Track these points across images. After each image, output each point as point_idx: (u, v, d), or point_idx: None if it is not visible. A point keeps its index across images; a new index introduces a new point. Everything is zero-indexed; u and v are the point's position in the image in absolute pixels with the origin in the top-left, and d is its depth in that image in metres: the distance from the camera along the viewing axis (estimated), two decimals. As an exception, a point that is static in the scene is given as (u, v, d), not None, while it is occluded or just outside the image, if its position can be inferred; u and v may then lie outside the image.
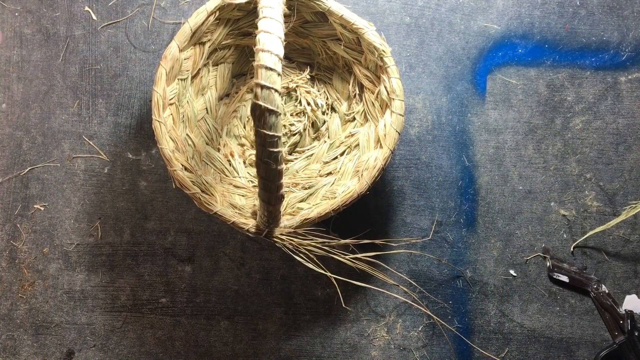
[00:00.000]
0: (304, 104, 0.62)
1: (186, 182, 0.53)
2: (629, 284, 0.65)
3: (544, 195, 0.65)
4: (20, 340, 0.62)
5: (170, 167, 0.53)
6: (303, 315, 0.64)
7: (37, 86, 0.63)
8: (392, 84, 0.56)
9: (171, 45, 0.54)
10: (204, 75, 0.61)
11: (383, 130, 0.57)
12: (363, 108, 0.61)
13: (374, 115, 0.60)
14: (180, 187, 0.53)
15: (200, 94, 0.61)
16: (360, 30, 0.56)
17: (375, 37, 0.56)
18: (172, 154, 0.53)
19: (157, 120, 0.53)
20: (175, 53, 0.55)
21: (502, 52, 0.66)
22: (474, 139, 0.65)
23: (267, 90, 0.42)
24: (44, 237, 0.62)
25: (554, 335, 0.65)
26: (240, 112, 0.63)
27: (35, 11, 0.63)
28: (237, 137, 0.63)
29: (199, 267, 0.63)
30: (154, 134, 0.53)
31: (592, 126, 0.66)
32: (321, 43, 0.61)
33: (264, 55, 0.42)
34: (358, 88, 0.62)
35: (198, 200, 0.53)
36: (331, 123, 0.63)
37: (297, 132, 0.63)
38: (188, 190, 0.53)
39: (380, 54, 0.56)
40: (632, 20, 0.67)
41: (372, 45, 0.56)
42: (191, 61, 0.58)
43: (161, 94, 0.54)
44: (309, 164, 0.63)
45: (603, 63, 0.66)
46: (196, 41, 0.57)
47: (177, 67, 0.56)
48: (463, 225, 0.65)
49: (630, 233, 0.65)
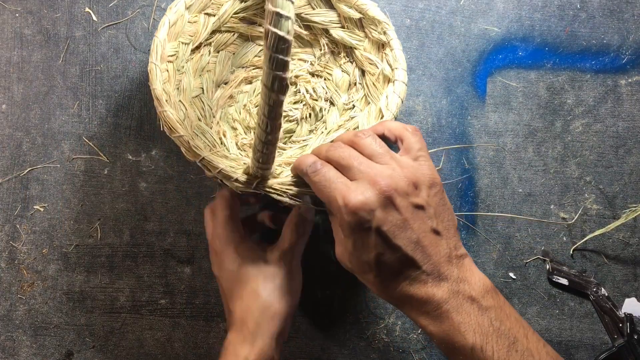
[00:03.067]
0: (303, 92, 0.62)
1: (174, 123, 0.50)
2: (629, 287, 0.65)
3: (543, 198, 0.65)
4: (19, 341, 0.62)
5: (160, 107, 0.50)
6: (302, 317, 0.64)
7: (37, 87, 0.63)
8: (395, 54, 0.56)
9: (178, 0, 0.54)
10: (205, 54, 0.60)
11: (385, 102, 0.57)
12: (364, 93, 0.61)
13: (375, 96, 0.59)
14: (168, 130, 0.50)
15: (198, 74, 0.60)
16: (364, 6, 0.57)
17: (378, 12, 0.57)
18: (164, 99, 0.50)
19: (153, 62, 0.51)
20: (181, 8, 0.54)
21: (503, 55, 0.66)
22: (474, 142, 0.65)
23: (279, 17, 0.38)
24: (44, 238, 0.62)
25: (553, 338, 0.65)
26: (237, 98, 0.62)
27: (35, 12, 0.63)
28: (231, 120, 0.62)
29: (198, 269, 0.63)
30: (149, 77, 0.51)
31: (592, 129, 0.66)
32: (323, 33, 0.62)
33: None
34: (359, 76, 0.62)
35: (186, 144, 0.49)
36: (329, 115, 0.63)
37: (294, 119, 0.62)
38: (176, 134, 0.49)
39: (383, 27, 0.57)
40: (632, 23, 0.67)
41: (376, 20, 0.57)
42: (194, 28, 0.58)
43: (161, 42, 0.52)
44: (303, 152, 0.62)
45: (603, 66, 0.66)
46: (202, 8, 0.57)
47: (181, 26, 0.55)
48: (462, 228, 0.65)
49: (630, 236, 0.65)
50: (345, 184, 0.43)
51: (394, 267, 0.42)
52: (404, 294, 0.42)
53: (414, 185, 0.43)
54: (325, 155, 0.46)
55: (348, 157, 0.44)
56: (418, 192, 0.43)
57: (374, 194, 0.41)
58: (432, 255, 0.42)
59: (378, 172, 0.43)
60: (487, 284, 0.43)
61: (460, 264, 0.43)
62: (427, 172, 0.45)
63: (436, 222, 0.43)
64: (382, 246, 0.42)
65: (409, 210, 0.42)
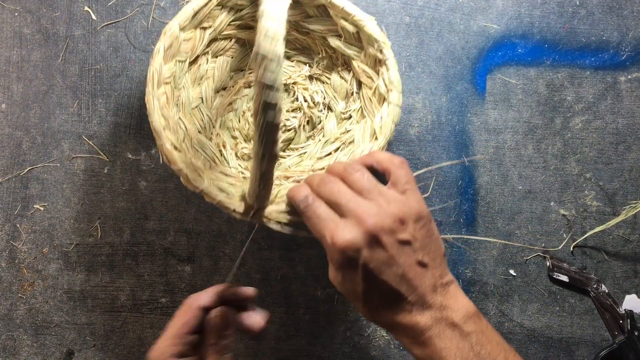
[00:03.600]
0: (301, 100, 0.62)
1: (174, 156, 0.51)
2: (629, 284, 0.65)
3: (543, 195, 0.65)
4: (20, 340, 0.62)
5: (160, 140, 0.51)
6: (303, 315, 0.64)
7: (37, 86, 0.63)
8: (390, 75, 0.56)
9: (171, 23, 0.53)
10: (202, 63, 0.60)
11: (379, 122, 0.57)
12: (360, 105, 0.61)
13: (371, 110, 0.59)
14: (168, 163, 0.51)
15: (197, 83, 0.61)
16: (361, 22, 0.56)
17: (375, 29, 0.56)
18: (162, 128, 0.51)
19: (150, 93, 0.52)
20: (176, 31, 0.54)
21: (502, 52, 0.66)
22: (474, 139, 0.65)
23: (270, 38, 0.39)
24: (44, 237, 0.62)
25: (553, 335, 0.65)
26: (236, 105, 0.63)
27: (35, 11, 0.63)
28: (230, 129, 0.62)
29: (198, 267, 0.63)
30: (146, 109, 0.52)
31: (592, 126, 0.66)
32: (322, 40, 0.61)
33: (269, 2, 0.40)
34: (356, 86, 0.62)
35: (185, 177, 0.51)
36: (327, 122, 0.63)
37: (292, 128, 0.62)
38: (175, 166, 0.51)
39: (380, 46, 0.56)
40: (631, 20, 0.67)
41: (372, 37, 0.56)
42: (190, 44, 0.57)
43: (157, 69, 0.52)
44: (301, 161, 0.62)
45: (603, 63, 0.66)
46: (197, 24, 0.56)
47: (176, 46, 0.55)
48: (463, 225, 0.65)
49: (630, 233, 0.65)
50: (334, 222, 0.45)
51: (381, 299, 0.44)
52: (391, 322, 0.45)
53: (400, 221, 0.44)
54: (316, 190, 0.48)
55: (337, 193, 0.46)
56: (404, 228, 0.44)
57: (360, 233, 0.43)
58: (418, 286, 0.44)
59: (365, 210, 0.44)
60: (471, 309, 0.45)
61: (445, 292, 0.45)
62: (414, 206, 0.46)
63: (422, 254, 0.45)
64: (369, 281, 0.44)
65: (394, 246, 0.44)
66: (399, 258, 0.44)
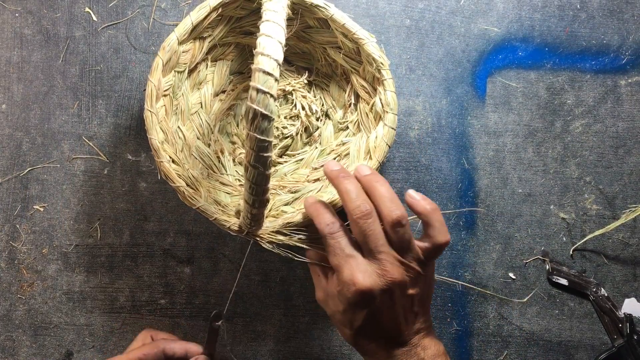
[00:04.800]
0: (299, 108, 0.62)
1: (172, 174, 0.53)
2: (628, 288, 0.65)
3: (543, 199, 0.65)
4: (19, 341, 0.62)
5: (158, 158, 0.53)
6: (302, 317, 0.64)
7: (37, 87, 0.63)
8: (387, 97, 0.56)
9: (170, 37, 0.54)
10: (202, 69, 0.60)
11: (374, 142, 0.57)
12: (357, 118, 0.61)
13: (367, 126, 0.60)
14: (166, 179, 0.53)
15: (196, 88, 0.61)
16: (361, 40, 0.55)
17: (375, 49, 0.55)
18: (161, 145, 0.53)
19: (148, 110, 0.53)
20: (174, 45, 0.54)
21: (503, 55, 0.66)
22: (474, 142, 0.65)
23: (262, 94, 0.42)
24: (43, 238, 0.62)
25: (552, 339, 0.65)
26: (235, 110, 0.63)
27: (35, 12, 0.63)
28: (229, 134, 0.63)
29: (198, 269, 0.63)
30: (145, 123, 0.53)
31: (592, 129, 0.66)
32: (321, 49, 0.61)
33: (263, 59, 0.42)
34: (354, 98, 0.61)
35: (182, 194, 0.53)
36: (324, 130, 0.63)
37: (290, 136, 0.62)
38: (173, 183, 0.53)
39: (378, 65, 0.56)
40: (632, 23, 0.67)
41: (371, 57, 0.56)
42: (190, 55, 0.57)
43: (156, 84, 0.53)
44: (298, 168, 0.63)
45: (603, 66, 0.66)
46: (196, 35, 0.56)
47: (175, 59, 0.55)
48: (462, 228, 0.65)
49: (630, 236, 0.65)
50: (357, 261, 0.47)
51: (371, 335, 0.49)
52: (370, 350, 0.49)
53: (413, 282, 0.48)
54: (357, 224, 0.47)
55: (373, 235, 0.47)
56: (414, 285, 0.48)
57: (380, 284, 0.46)
58: (404, 330, 0.49)
59: (393, 264, 0.47)
60: (440, 350, 0.50)
61: (423, 334, 0.50)
62: (430, 275, 0.50)
63: (418, 306, 0.49)
64: (368, 321, 0.48)
65: (401, 298, 0.48)
66: (399, 308, 0.48)
